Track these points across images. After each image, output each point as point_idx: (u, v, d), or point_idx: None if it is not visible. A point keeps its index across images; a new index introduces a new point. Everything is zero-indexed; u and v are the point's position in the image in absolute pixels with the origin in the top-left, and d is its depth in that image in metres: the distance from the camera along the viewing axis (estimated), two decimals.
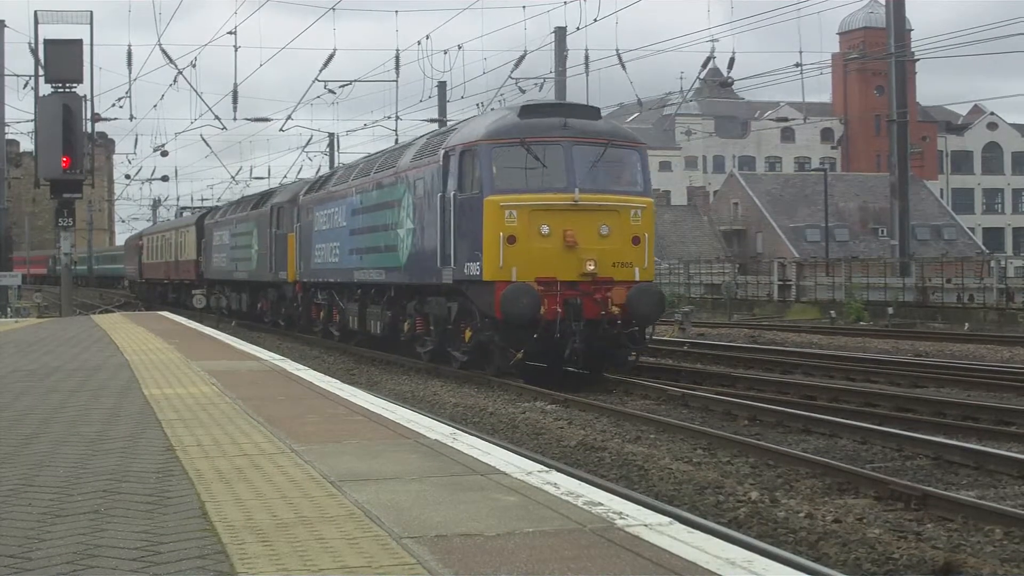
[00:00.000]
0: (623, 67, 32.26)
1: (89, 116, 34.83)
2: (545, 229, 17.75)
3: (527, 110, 18.98)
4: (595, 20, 28.81)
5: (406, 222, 21.44)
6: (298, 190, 31.97)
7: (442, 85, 39.99)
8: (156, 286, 58.23)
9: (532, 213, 17.86)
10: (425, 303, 21.27)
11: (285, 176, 75.71)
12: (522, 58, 33.84)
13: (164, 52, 37.39)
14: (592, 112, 19.47)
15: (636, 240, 18.26)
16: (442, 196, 19.26)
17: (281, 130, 72.08)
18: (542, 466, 7.18)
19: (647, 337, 18.89)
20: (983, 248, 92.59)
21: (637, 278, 18.07)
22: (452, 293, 19.66)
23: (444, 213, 19.19)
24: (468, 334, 19.32)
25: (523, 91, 34.16)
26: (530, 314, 17.34)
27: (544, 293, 17.49)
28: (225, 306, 42.03)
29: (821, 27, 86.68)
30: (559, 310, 17.52)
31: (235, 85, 38.49)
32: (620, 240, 18.09)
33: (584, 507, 5.80)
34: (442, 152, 19.71)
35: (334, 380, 13.30)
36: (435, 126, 38.96)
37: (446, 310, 20.09)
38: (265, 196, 36.57)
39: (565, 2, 28.31)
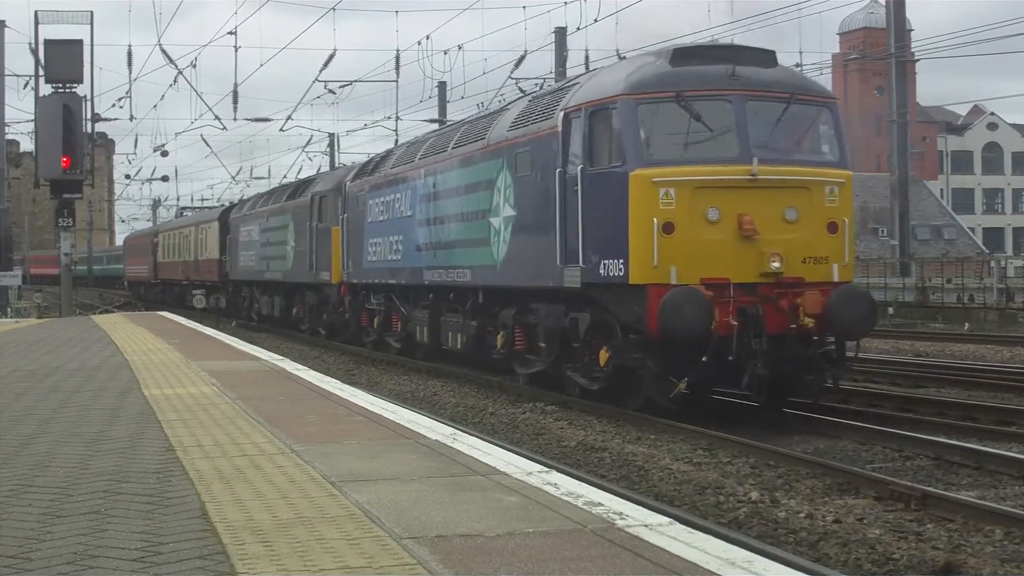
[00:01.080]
0: None
1: (89, 116, 34.82)
2: (713, 214, 13.41)
3: (681, 55, 14.33)
4: (595, 20, 28.87)
5: (503, 208, 16.88)
6: (343, 176, 27.96)
7: (442, 85, 40.03)
8: (173, 287, 53.43)
9: (696, 192, 13.44)
10: (530, 312, 16.87)
11: (285, 176, 75.66)
12: (522, 58, 33.86)
13: (164, 52, 37.43)
14: (766, 57, 14.65)
15: (833, 227, 13.88)
16: (561, 172, 14.87)
17: (281, 130, 72.12)
18: (542, 466, 7.18)
19: (850, 356, 14.21)
20: (983, 248, 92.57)
21: (836, 278, 13.74)
22: (577, 300, 15.08)
23: (565, 195, 14.76)
24: (604, 355, 14.60)
25: (523, 91, 34.15)
26: (699, 329, 12.88)
27: (714, 300, 13.12)
28: (253, 311, 37.73)
29: (821, 27, 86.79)
30: (734, 323, 13.12)
31: (235, 85, 38.51)
32: (812, 227, 13.71)
33: (584, 507, 5.80)
34: (560, 114, 15.17)
35: (334, 380, 13.30)
36: (435, 126, 38.95)
37: (567, 323, 15.47)
38: (304, 185, 32.19)
39: (565, 2, 28.34)
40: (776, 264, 13.44)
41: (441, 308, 20.65)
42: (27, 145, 56.72)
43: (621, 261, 13.68)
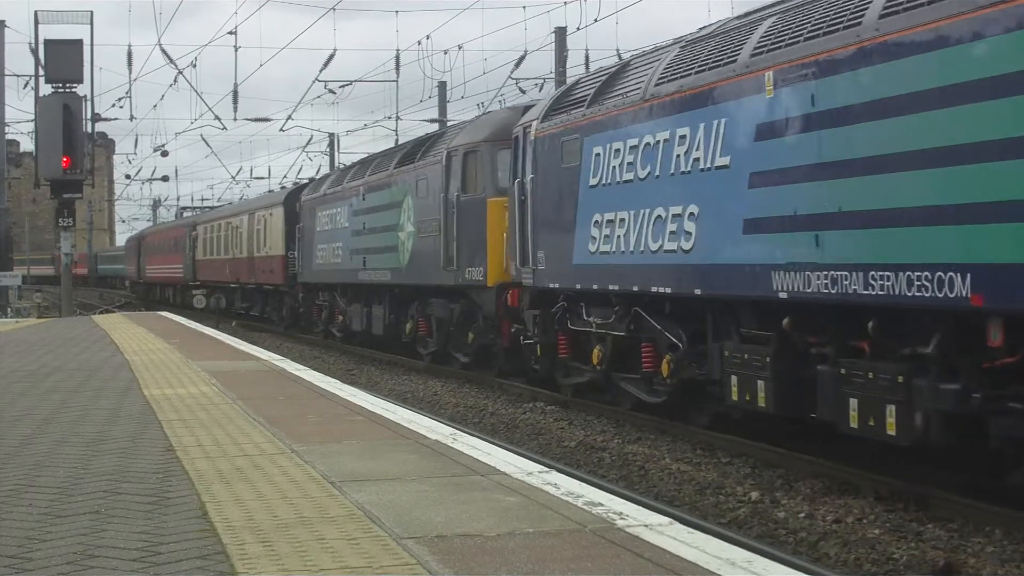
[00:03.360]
0: None
1: (89, 116, 34.81)
2: None
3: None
4: (595, 20, 28.78)
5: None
6: (507, 118, 18.84)
7: (442, 85, 39.97)
8: (217, 291, 43.95)
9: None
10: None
11: (285, 176, 75.46)
12: (522, 58, 33.85)
13: (164, 52, 37.39)
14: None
15: None
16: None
17: (281, 130, 71.97)
18: (542, 466, 7.19)
19: None
20: None
21: None
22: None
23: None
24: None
25: (523, 91, 34.18)
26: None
27: None
28: (335, 325, 28.66)
29: None
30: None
31: (235, 85, 38.47)
32: None
33: (584, 507, 5.81)
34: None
35: (334, 380, 13.31)
36: (435, 127, 38.94)
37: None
38: (429, 141, 22.76)
39: (565, 2, 28.30)
40: None
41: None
42: (27, 145, 56.74)
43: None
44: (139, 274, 62.92)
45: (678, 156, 11.79)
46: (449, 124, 30.00)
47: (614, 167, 13.29)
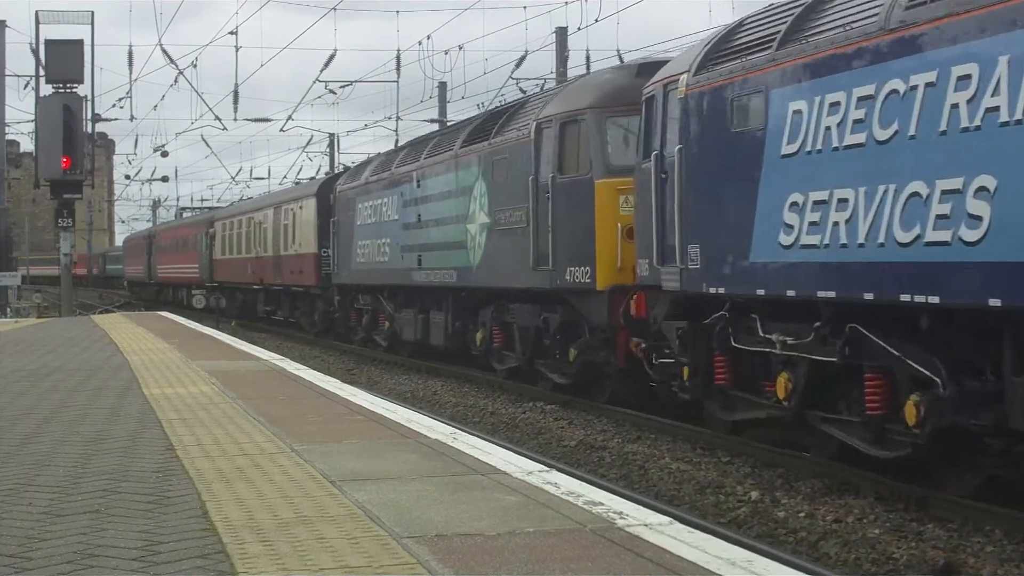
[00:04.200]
0: None
1: (89, 116, 34.80)
2: None
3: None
4: (596, 20, 28.82)
5: None
6: (617, 80, 15.69)
7: (443, 85, 39.95)
8: (237, 293, 40.82)
9: None
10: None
11: (285, 176, 75.40)
12: (523, 58, 33.83)
13: (165, 52, 37.37)
14: None
15: None
16: None
17: (282, 130, 71.87)
18: (542, 466, 7.18)
19: None
20: None
21: None
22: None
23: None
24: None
25: (523, 91, 34.16)
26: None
27: None
28: (381, 333, 25.05)
29: None
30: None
31: (236, 85, 38.46)
32: None
33: (584, 507, 5.80)
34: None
35: (334, 380, 13.31)
36: (435, 127, 38.95)
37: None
38: (507, 113, 18.64)
39: (566, 2, 28.29)
40: None
41: None
42: (27, 145, 56.72)
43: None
44: (149, 275, 58.71)
45: (955, 106, 8.38)
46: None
47: (828, 128, 9.75)
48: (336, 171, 40.98)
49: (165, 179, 79.14)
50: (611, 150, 14.96)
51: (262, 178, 74.17)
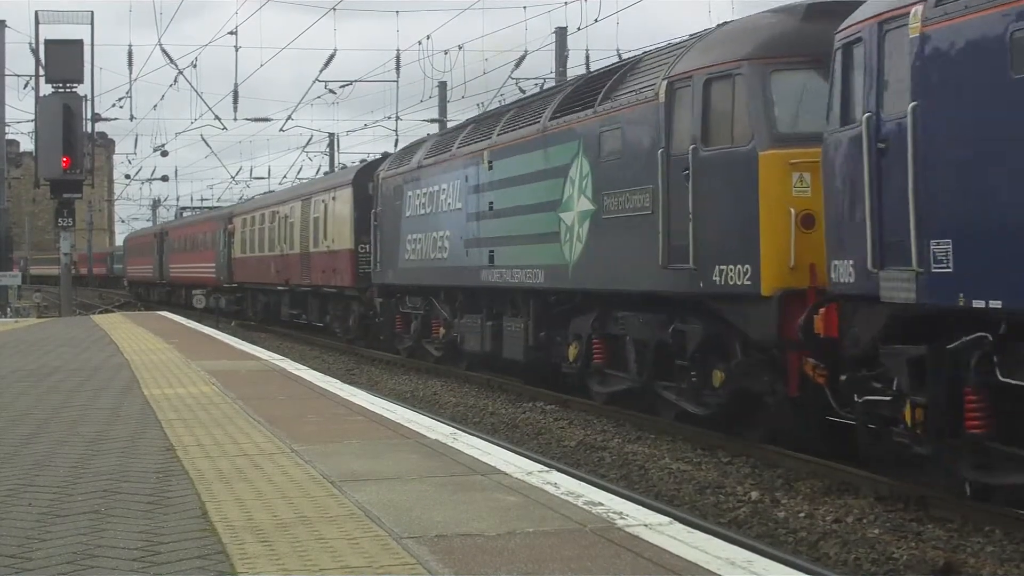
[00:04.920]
0: None
1: (89, 116, 34.79)
2: None
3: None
4: (596, 20, 28.77)
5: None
6: (779, 25, 12.17)
7: (443, 85, 39.94)
8: (259, 295, 37.75)
9: None
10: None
11: (285, 176, 75.35)
12: (523, 58, 33.84)
13: (164, 52, 37.35)
14: None
15: None
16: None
17: (281, 130, 71.87)
18: (542, 466, 7.19)
19: None
20: None
21: None
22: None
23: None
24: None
25: (523, 91, 34.17)
26: None
27: None
28: (434, 341, 21.46)
29: None
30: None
31: (235, 85, 38.45)
32: None
33: (584, 507, 5.80)
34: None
35: (334, 380, 13.31)
36: (436, 127, 38.94)
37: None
38: (619, 72, 14.76)
39: (566, 2, 28.27)
40: None
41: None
42: (27, 145, 56.73)
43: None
44: (161, 274, 54.87)
45: None
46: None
47: None
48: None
49: (165, 179, 79.15)
50: (778, 113, 11.52)
51: (262, 178, 74.18)
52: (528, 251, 16.23)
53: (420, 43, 43.74)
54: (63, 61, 31.83)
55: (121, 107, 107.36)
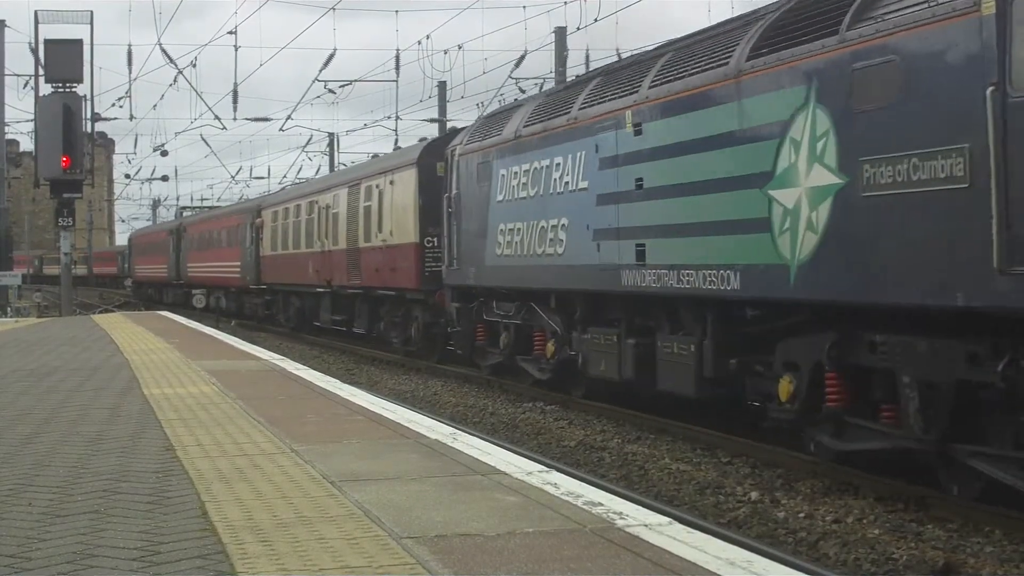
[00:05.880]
0: None
1: (89, 116, 34.82)
2: None
3: None
4: (595, 20, 28.80)
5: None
6: None
7: (442, 85, 39.96)
8: (292, 298, 33.30)
9: None
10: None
11: (284, 176, 75.46)
12: (522, 58, 33.84)
13: (164, 52, 37.39)
14: None
15: None
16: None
17: (281, 130, 72.01)
18: (542, 466, 7.18)
19: None
20: None
21: None
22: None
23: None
24: None
25: (523, 91, 34.18)
26: None
27: None
28: (555, 359, 16.07)
29: None
30: None
31: (235, 85, 38.47)
32: None
33: (584, 507, 5.80)
34: None
35: (334, 380, 13.30)
36: (436, 127, 38.95)
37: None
38: None
39: (565, 2, 28.29)
40: None
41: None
42: (27, 145, 56.74)
43: None
44: (177, 275, 50.42)
45: None
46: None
47: None
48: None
49: (165, 178, 79.20)
50: None
51: (262, 177, 74.29)
52: (709, 245, 11.62)
53: (420, 43, 43.78)
54: (63, 61, 31.82)
55: (121, 107, 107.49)
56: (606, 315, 14.48)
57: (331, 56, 37.94)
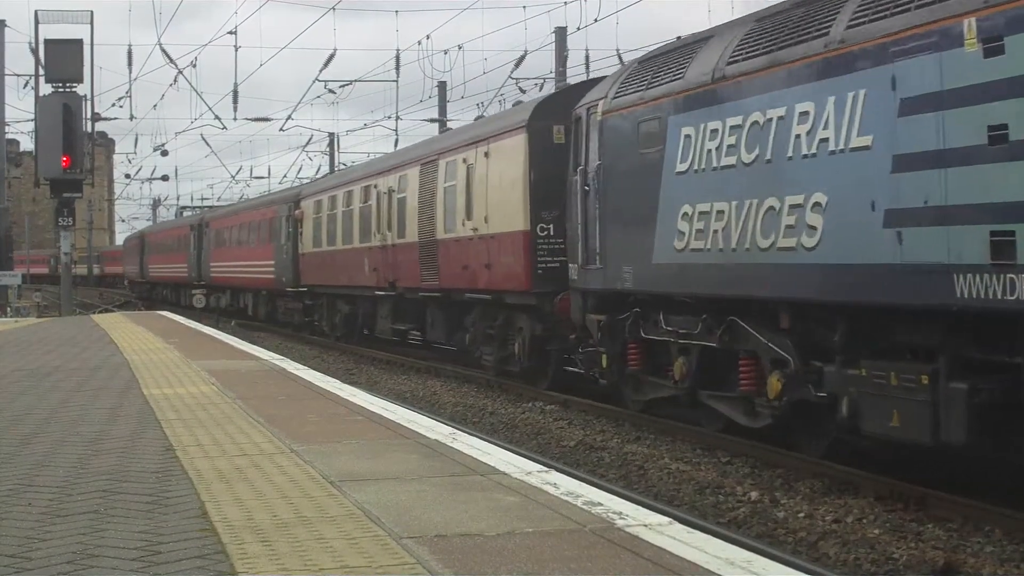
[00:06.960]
0: None
1: (89, 116, 34.81)
2: None
3: None
4: (596, 20, 28.78)
5: None
6: None
7: (442, 85, 39.96)
8: (339, 303, 28.42)
9: None
10: None
11: (284, 176, 75.42)
12: (522, 58, 33.85)
13: (164, 52, 37.40)
14: None
15: None
16: None
17: (281, 130, 72.00)
18: (542, 466, 7.18)
19: None
20: None
21: None
22: None
23: None
24: None
25: (523, 91, 34.18)
26: None
27: None
28: (787, 405, 10.78)
29: None
30: None
31: (235, 85, 38.47)
32: None
33: (584, 507, 5.80)
34: None
35: (334, 380, 13.30)
36: (436, 127, 38.95)
37: None
38: None
39: (565, 2, 28.29)
40: None
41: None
42: (27, 145, 56.74)
43: None
44: (200, 275, 45.02)
45: None
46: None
47: None
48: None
49: (165, 178, 79.20)
50: None
51: (262, 177, 74.23)
52: None
53: (420, 43, 43.75)
54: (63, 61, 31.83)
55: (121, 107, 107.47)
56: (892, 340, 9.57)
57: (331, 56, 37.96)
